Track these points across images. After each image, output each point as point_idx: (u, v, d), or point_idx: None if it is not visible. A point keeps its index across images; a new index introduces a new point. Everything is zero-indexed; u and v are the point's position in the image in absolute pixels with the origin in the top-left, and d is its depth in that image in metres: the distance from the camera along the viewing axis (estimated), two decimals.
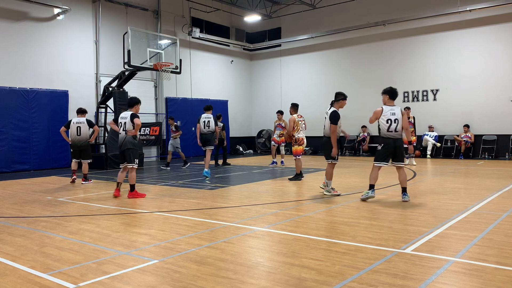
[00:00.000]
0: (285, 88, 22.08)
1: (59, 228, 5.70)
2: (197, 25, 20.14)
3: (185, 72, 18.77)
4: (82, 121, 10.65)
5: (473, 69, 16.52)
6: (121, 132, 8.28)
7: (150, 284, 3.56)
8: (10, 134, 13.63)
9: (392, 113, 7.15)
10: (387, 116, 7.16)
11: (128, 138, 8.17)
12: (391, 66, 18.54)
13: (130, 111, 8.36)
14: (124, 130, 8.22)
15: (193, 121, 19.52)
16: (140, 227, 5.72)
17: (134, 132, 8.15)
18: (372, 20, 18.52)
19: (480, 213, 6.16)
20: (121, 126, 8.30)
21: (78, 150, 10.66)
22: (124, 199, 7.98)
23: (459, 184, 9.30)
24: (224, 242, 4.83)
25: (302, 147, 10.29)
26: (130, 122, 8.17)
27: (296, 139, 10.24)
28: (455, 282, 3.49)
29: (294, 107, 10.54)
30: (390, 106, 7.26)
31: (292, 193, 8.59)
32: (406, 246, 4.49)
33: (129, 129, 8.17)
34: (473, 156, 16.34)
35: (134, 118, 8.17)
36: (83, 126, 10.59)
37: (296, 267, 3.90)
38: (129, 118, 8.21)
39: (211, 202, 7.52)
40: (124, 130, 8.22)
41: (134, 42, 14.50)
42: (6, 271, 3.99)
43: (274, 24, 22.17)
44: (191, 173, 12.45)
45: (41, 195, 8.77)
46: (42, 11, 14.77)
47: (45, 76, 14.78)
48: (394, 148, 7.16)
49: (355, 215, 6.17)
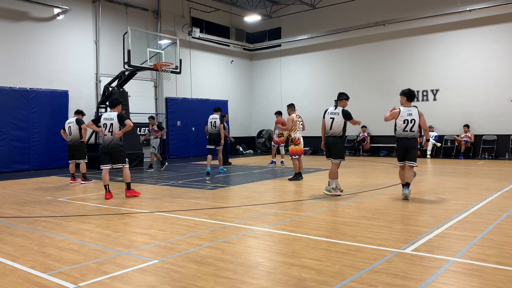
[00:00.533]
0: (285, 88, 22.08)
1: (59, 228, 5.70)
2: (197, 25, 20.13)
3: (185, 72, 18.77)
4: (71, 121, 10.84)
5: (473, 69, 16.52)
6: (106, 134, 8.10)
7: (150, 284, 3.56)
8: (10, 134, 13.63)
9: (409, 113, 7.35)
10: (404, 117, 7.35)
11: (115, 139, 8.06)
12: (391, 66, 18.54)
13: (114, 112, 8.21)
14: (110, 131, 8.05)
15: (193, 121, 19.58)
16: (140, 227, 5.72)
17: (121, 134, 8.03)
18: (372, 20, 18.52)
19: (480, 213, 6.16)
20: (105, 127, 8.09)
21: (70, 150, 10.85)
22: (124, 199, 7.98)
23: (459, 184, 9.30)
24: (224, 242, 4.83)
25: (298, 147, 10.28)
26: (118, 123, 8.03)
27: (292, 138, 10.23)
28: (455, 282, 3.49)
29: (292, 107, 10.60)
30: (408, 107, 7.43)
31: (292, 193, 8.59)
32: (406, 246, 4.49)
33: (116, 131, 8.02)
34: (473, 156, 16.34)
35: (125, 120, 8.08)
36: (73, 126, 10.74)
37: (296, 267, 3.90)
38: (116, 119, 8.05)
39: (211, 202, 7.52)
40: (110, 132, 8.06)
41: (134, 42, 14.50)
42: (6, 271, 3.99)
43: (274, 24, 22.16)
44: (191, 173, 12.45)
45: (41, 195, 8.77)
46: (42, 11, 14.78)
47: (45, 76, 14.78)
48: (406, 147, 7.39)
49: (355, 215, 6.17)
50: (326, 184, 8.19)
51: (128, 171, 8.22)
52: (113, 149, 8.06)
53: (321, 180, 10.38)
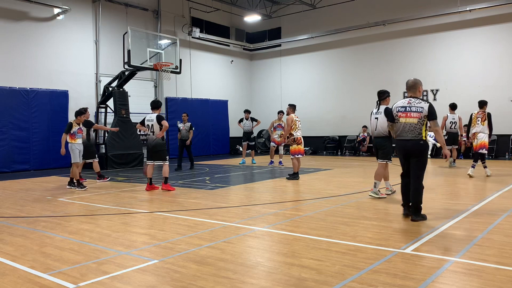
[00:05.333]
0: (285, 88, 22.07)
1: (59, 228, 5.70)
2: (197, 25, 20.13)
3: (185, 72, 18.76)
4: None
5: (473, 69, 16.52)
6: (149, 134, 9.06)
7: (150, 284, 3.56)
8: (10, 134, 13.63)
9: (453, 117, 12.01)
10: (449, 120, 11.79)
11: (158, 139, 9.00)
12: (391, 66, 18.53)
13: (155, 113, 9.06)
14: (152, 131, 8.98)
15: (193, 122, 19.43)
16: (140, 227, 5.72)
17: (162, 134, 8.94)
18: (372, 20, 18.51)
19: (480, 213, 6.16)
20: (149, 128, 9.04)
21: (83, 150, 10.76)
22: (123, 199, 7.98)
23: (459, 184, 9.30)
24: (224, 242, 4.83)
25: (300, 147, 10.32)
26: (157, 124, 8.90)
27: (295, 138, 10.26)
28: (455, 282, 3.49)
29: (293, 108, 10.59)
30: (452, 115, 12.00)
31: (292, 193, 8.59)
32: (406, 246, 4.48)
33: (157, 131, 8.93)
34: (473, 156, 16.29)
35: (162, 120, 8.92)
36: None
37: (296, 267, 3.90)
38: (155, 120, 8.93)
39: (211, 202, 7.51)
40: (152, 132, 8.98)
41: (134, 42, 14.50)
42: (6, 271, 3.99)
43: (274, 24, 22.16)
44: (191, 173, 12.45)
45: (41, 195, 8.77)
46: (42, 11, 14.77)
47: (45, 76, 14.78)
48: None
49: (355, 215, 6.17)
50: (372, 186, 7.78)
51: (168, 167, 9.07)
52: (155, 147, 9.00)
53: (320, 180, 10.39)
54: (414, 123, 5.71)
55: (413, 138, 5.71)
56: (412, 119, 5.74)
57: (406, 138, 5.79)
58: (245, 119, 15.41)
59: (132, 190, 9.24)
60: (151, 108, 9.25)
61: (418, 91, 5.91)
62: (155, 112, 9.11)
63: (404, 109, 5.83)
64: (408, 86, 5.96)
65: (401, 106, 5.88)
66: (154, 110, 9.15)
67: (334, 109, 20.06)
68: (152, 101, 9.40)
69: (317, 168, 13.18)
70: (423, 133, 5.71)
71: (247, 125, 15.35)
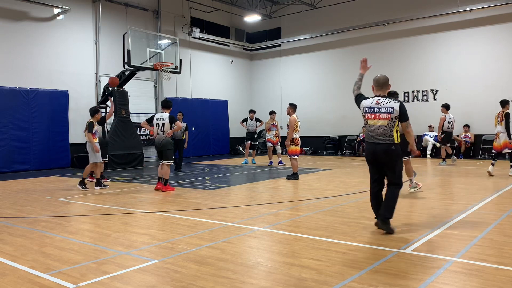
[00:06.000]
0: (285, 88, 22.06)
1: (59, 228, 5.70)
2: (197, 25, 20.12)
3: (185, 72, 18.76)
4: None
5: (473, 69, 16.51)
6: (159, 133, 8.97)
7: (150, 284, 3.56)
8: (10, 134, 13.62)
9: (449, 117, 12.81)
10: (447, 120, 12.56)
11: (167, 139, 8.96)
12: (391, 66, 18.50)
13: (166, 113, 9.04)
14: (162, 131, 8.93)
15: (193, 122, 19.50)
16: (140, 227, 5.72)
17: (171, 133, 8.99)
18: (372, 20, 18.51)
19: (480, 213, 6.16)
20: (158, 127, 8.98)
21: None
22: (123, 199, 7.98)
23: (459, 184, 9.30)
24: (224, 242, 4.83)
25: (298, 147, 10.35)
26: (169, 124, 8.90)
27: (293, 139, 10.27)
28: (455, 282, 3.49)
29: (293, 107, 10.53)
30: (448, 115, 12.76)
31: (292, 193, 8.59)
32: (406, 246, 4.48)
33: (167, 131, 8.89)
34: (473, 156, 16.33)
35: (175, 121, 9.01)
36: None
37: (296, 267, 3.90)
38: (167, 120, 8.91)
39: (211, 202, 7.51)
40: (162, 131, 8.92)
41: (134, 42, 14.50)
42: (6, 271, 3.99)
43: (274, 24, 22.15)
44: (191, 173, 12.45)
45: (41, 195, 8.77)
46: (42, 11, 14.77)
47: (45, 76, 14.78)
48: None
49: (355, 215, 6.17)
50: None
51: (168, 168, 8.98)
52: (164, 147, 8.95)
53: (320, 180, 10.39)
54: (384, 125, 5.00)
55: (383, 141, 5.01)
56: (381, 120, 5.02)
57: (374, 141, 5.08)
58: (250, 119, 15.37)
59: (132, 190, 9.24)
60: (162, 107, 9.31)
61: (387, 89, 5.32)
62: (166, 111, 9.10)
63: (372, 109, 5.13)
64: (380, 83, 5.26)
65: (369, 107, 5.19)
66: (165, 109, 9.15)
67: (334, 109, 20.05)
68: (163, 100, 9.45)
69: (317, 168, 13.18)
70: (395, 136, 5.01)
71: (252, 125, 15.33)
